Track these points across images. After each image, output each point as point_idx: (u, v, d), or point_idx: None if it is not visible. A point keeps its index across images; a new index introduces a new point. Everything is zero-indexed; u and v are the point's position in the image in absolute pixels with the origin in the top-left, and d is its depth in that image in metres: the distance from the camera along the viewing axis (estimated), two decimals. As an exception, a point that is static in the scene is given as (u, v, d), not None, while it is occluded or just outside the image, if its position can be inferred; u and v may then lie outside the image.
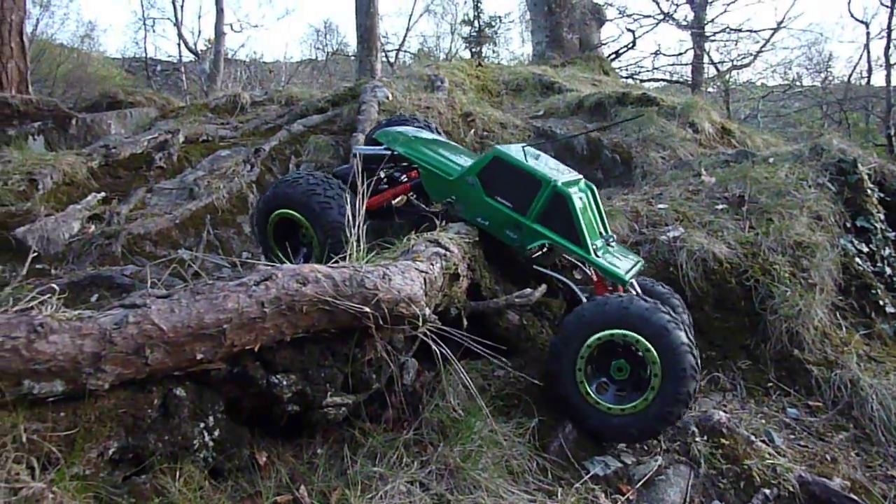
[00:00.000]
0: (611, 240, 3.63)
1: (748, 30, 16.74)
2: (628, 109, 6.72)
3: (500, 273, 3.58)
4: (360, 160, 3.57)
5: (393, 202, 3.90)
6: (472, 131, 6.34)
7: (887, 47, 12.66)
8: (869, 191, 4.84)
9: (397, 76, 8.10)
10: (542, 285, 3.52)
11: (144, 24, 23.80)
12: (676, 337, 2.91)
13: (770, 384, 3.88)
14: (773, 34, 16.53)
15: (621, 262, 3.47)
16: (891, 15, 12.22)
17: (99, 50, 24.41)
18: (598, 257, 3.37)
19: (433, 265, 2.76)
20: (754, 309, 4.07)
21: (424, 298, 2.57)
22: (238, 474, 2.42)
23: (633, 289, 3.51)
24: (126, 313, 2.00)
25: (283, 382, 2.39)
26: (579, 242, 3.38)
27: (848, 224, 4.70)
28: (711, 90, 17.14)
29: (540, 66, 9.55)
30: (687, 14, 16.17)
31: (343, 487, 2.47)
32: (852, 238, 4.61)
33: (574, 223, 3.39)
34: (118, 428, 2.06)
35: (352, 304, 2.34)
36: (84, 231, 4.44)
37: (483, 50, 21.10)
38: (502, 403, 3.06)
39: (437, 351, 2.61)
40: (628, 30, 15.57)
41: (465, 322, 3.08)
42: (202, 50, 23.24)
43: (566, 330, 3.07)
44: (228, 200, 5.20)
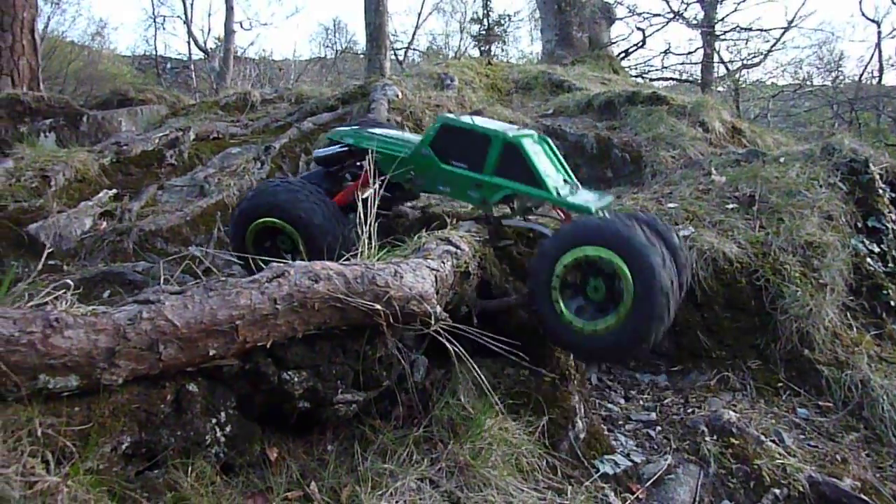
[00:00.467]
0: (577, 186, 3.69)
1: (758, 29, 16.68)
2: (638, 108, 6.69)
3: (510, 271, 3.58)
4: (326, 162, 3.88)
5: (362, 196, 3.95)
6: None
7: (899, 46, 12.57)
8: (880, 191, 4.81)
9: (407, 74, 8.11)
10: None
11: (155, 22, 23.92)
12: (648, 255, 2.88)
13: (780, 384, 3.87)
14: (784, 33, 16.47)
15: (589, 199, 3.53)
16: (902, 14, 12.12)
17: (109, 47, 24.53)
18: (562, 197, 3.43)
19: (444, 263, 2.77)
20: (764, 309, 4.05)
21: (435, 296, 2.58)
22: (249, 470, 2.43)
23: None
24: (140, 309, 2.01)
25: (295, 379, 2.41)
26: (539, 185, 3.44)
27: (859, 224, 4.68)
28: (721, 89, 17.08)
29: (549, 65, 9.54)
30: (697, 13, 16.11)
31: (353, 484, 2.48)
32: (863, 238, 4.58)
33: (530, 167, 3.46)
34: (131, 423, 2.08)
35: (363, 302, 2.34)
36: (96, 227, 4.48)
37: (492, 48, 21.08)
38: (512, 401, 3.06)
39: (451, 348, 2.61)
40: (638, 28, 15.52)
41: (476, 320, 3.08)
42: (212, 48, 23.32)
43: (543, 249, 3.11)
44: (239, 198, 5.21)
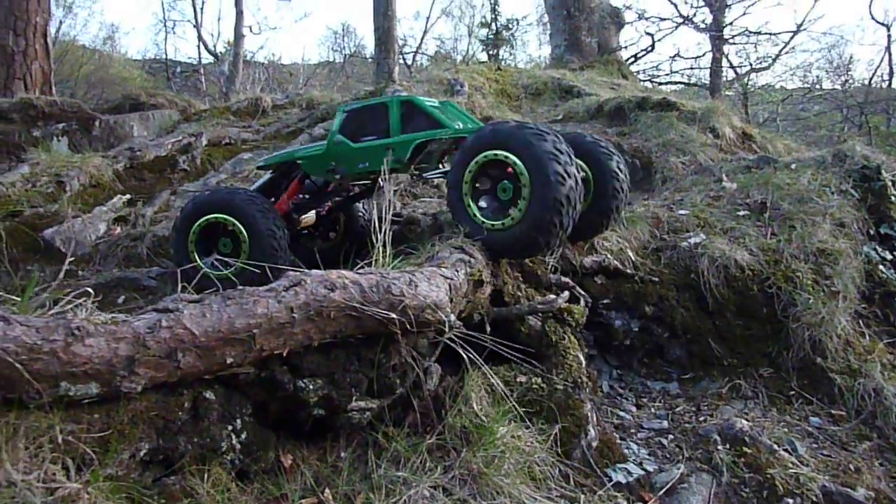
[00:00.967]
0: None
1: (767, 32, 16.64)
2: (648, 114, 6.69)
3: (523, 279, 3.59)
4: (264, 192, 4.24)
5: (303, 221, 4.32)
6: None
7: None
8: (893, 198, 4.80)
9: (417, 80, 8.13)
10: (565, 292, 3.52)
11: (165, 27, 24.09)
12: (540, 147, 3.12)
13: (792, 392, 3.86)
14: (793, 37, 16.42)
15: None
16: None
17: (120, 52, 24.70)
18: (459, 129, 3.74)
19: (458, 271, 2.78)
20: (776, 316, 4.05)
21: (450, 305, 2.59)
22: (264, 476, 2.45)
23: None
24: (159, 317, 2.04)
25: (310, 387, 2.42)
26: (442, 125, 3.74)
27: (871, 231, 4.67)
28: (729, 93, 17.04)
29: (559, 70, 9.55)
30: (706, 17, 16.09)
31: (367, 491, 2.49)
32: (876, 245, 4.57)
33: (428, 114, 3.79)
34: (149, 430, 2.10)
35: (378, 310, 2.36)
36: (110, 233, 4.52)
37: (500, 52, 21.13)
38: (524, 409, 3.06)
39: (465, 356, 2.62)
40: (647, 33, 15.52)
41: (489, 328, 3.09)
42: (221, 52, 23.45)
43: (453, 163, 3.47)
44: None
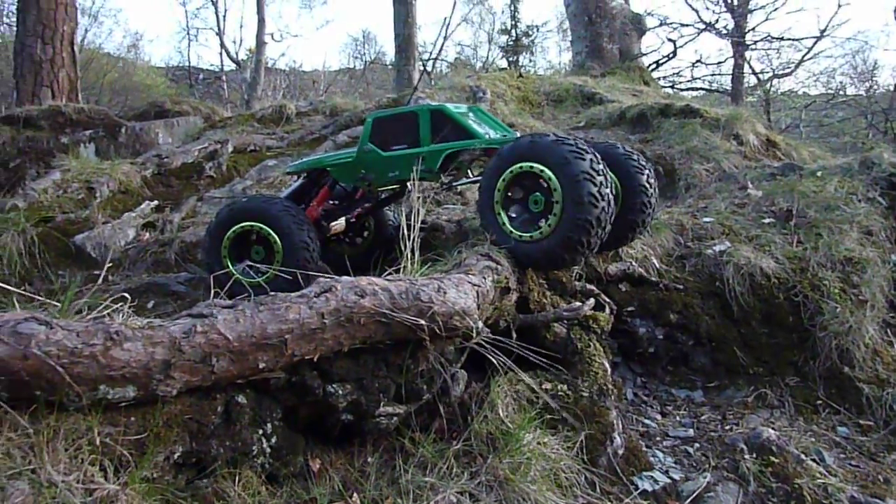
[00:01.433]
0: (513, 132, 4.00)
1: (790, 38, 16.52)
2: (671, 121, 6.67)
3: (548, 286, 3.60)
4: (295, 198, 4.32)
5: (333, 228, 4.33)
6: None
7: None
8: (921, 206, 4.75)
9: (439, 87, 8.17)
10: (591, 299, 3.53)
11: (188, 34, 24.41)
12: (576, 166, 3.12)
13: (819, 402, 3.82)
14: (816, 42, 16.27)
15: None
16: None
17: (144, 59, 25.05)
18: (491, 139, 3.77)
19: (485, 279, 2.80)
20: (803, 325, 4.01)
21: (477, 311, 2.61)
22: (293, 480, 2.47)
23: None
24: (194, 322, 2.07)
25: (339, 392, 2.45)
26: (472, 136, 3.76)
27: (900, 240, 4.62)
28: (751, 99, 16.91)
29: (580, 77, 9.54)
30: (727, 23, 16.00)
31: (394, 496, 2.50)
32: (904, 254, 4.52)
33: (459, 123, 3.81)
34: (183, 433, 2.13)
35: (408, 317, 2.38)
36: (139, 238, 4.59)
37: (520, 59, 21.14)
38: (550, 416, 3.07)
39: (495, 361, 2.64)
40: (669, 40, 15.46)
41: (514, 334, 3.10)
42: (243, 59, 23.72)
43: (487, 170, 3.47)
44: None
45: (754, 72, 16.81)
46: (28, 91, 9.46)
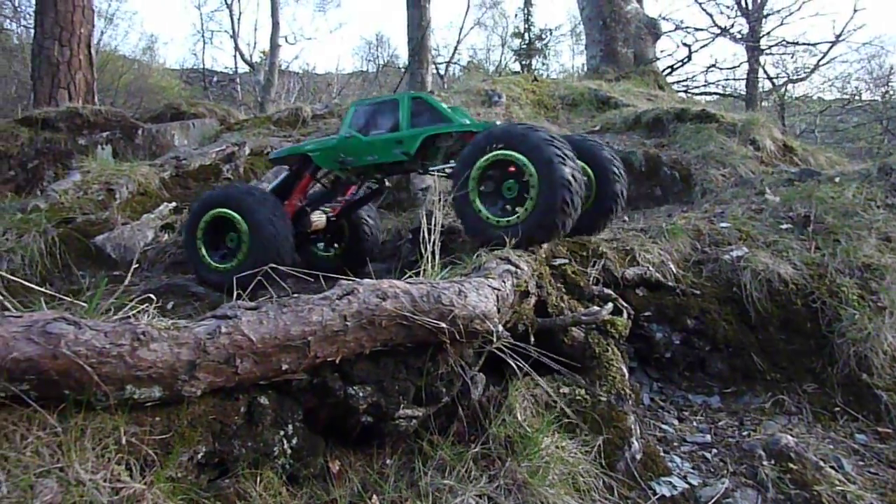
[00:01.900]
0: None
1: (805, 43, 16.41)
2: (687, 126, 6.65)
3: (566, 290, 3.60)
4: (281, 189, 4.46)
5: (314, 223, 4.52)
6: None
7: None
8: (941, 212, 4.72)
9: (455, 91, 8.18)
10: (609, 304, 3.52)
11: (203, 37, 24.57)
12: (550, 152, 3.27)
13: (837, 409, 3.79)
14: (832, 47, 16.17)
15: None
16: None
17: (159, 61, 25.24)
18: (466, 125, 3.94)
19: (505, 282, 2.80)
20: (821, 331, 3.99)
21: (497, 315, 2.61)
22: (313, 482, 2.48)
23: None
24: (219, 324, 2.09)
25: (360, 394, 2.46)
26: (448, 121, 3.95)
27: (919, 247, 4.58)
28: (765, 104, 16.83)
29: (595, 81, 9.53)
30: (742, 27, 15.93)
31: (414, 498, 2.51)
32: (923, 261, 4.48)
33: (437, 110, 4.00)
34: (207, 433, 2.15)
35: (429, 320, 2.39)
36: (157, 240, 4.62)
37: (533, 62, 21.15)
38: (567, 420, 3.06)
39: (514, 365, 2.64)
40: (684, 44, 15.40)
41: (533, 338, 3.11)
42: (257, 62, 23.84)
43: (462, 157, 3.58)
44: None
45: (769, 76, 16.73)
46: (45, 93, 9.55)
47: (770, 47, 16.32)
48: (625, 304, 3.77)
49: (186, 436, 2.09)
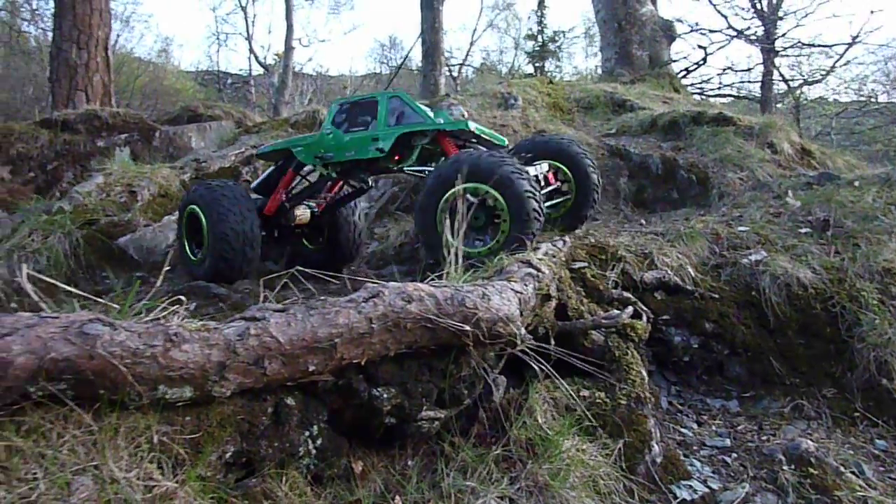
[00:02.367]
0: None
1: (821, 45, 16.29)
2: (704, 129, 6.64)
3: (585, 293, 3.61)
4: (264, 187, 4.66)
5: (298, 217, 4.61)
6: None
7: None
8: (962, 217, 4.68)
9: (470, 93, 8.20)
10: (629, 307, 3.53)
11: (218, 39, 24.72)
12: (520, 186, 3.39)
13: (857, 414, 3.78)
14: (848, 49, 16.03)
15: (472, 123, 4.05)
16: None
17: (174, 64, 25.44)
18: (440, 124, 4.02)
19: (527, 286, 2.82)
20: (840, 336, 3.98)
21: (520, 318, 2.63)
22: (337, 482, 2.51)
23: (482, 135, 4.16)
24: (248, 325, 2.12)
25: (384, 395, 2.48)
26: (423, 120, 4.03)
27: (939, 251, 4.55)
28: (781, 106, 16.73)
29: (610, 84, 9.53)
30: (757, 29, 15.84)
31: (436, 499, 2.53)
32: (944, 266, 4.46)
33: (413, 109, 4.09)
34: (235, 433, 2.18)
35: (453, 323, 2.41)
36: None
37: (546, 64, 21.14)
38: (588, 423, 3.08)
39: (537, 368, 2.66)
40: (699, 46, 15.34)
41: (553, 341, 3.12)
42: (271, 64, 23.97)
43: (428, 186, 3.64)
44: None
45: (784, 79, 16.60)
46: (63, 95, 9.66)
47: (785, 49, 16.21)
48: (644, 308, 3.78)
49: (216, 435, 2.12)
